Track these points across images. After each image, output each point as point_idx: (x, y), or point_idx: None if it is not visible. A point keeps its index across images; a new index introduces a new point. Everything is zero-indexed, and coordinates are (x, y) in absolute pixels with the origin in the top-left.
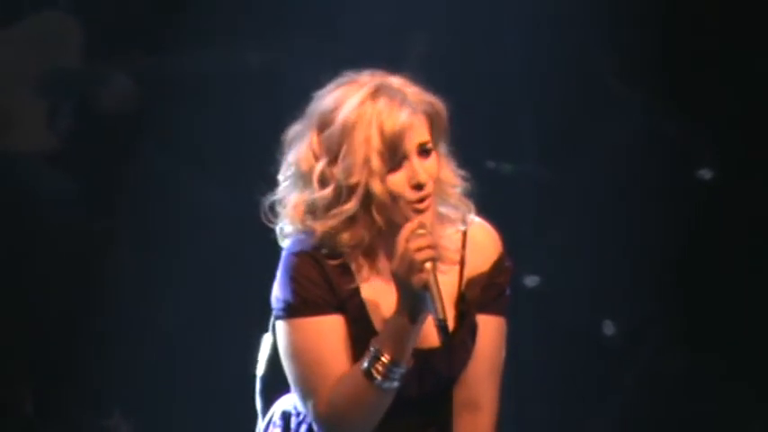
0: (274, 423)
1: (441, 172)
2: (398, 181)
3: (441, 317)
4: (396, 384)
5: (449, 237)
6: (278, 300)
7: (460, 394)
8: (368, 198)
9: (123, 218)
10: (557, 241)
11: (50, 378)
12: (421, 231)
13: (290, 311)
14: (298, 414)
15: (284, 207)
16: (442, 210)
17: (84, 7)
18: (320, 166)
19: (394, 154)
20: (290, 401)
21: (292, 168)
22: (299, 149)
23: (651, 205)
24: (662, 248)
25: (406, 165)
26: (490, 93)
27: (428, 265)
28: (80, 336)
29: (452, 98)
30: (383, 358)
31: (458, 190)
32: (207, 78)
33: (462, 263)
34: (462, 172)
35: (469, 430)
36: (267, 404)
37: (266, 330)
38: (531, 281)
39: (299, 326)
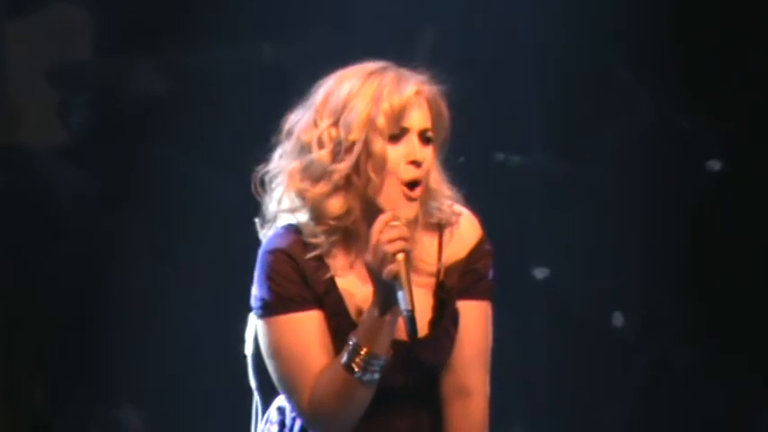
0: (271, 421)
1: (431, 179)
2: (396, 154)
3: (408, 308)
4: (376, 376)
5: (425, 240)
6: (256, 299)
7: (448, 382)
8: (365, 157)
9: (136, 212)
10: (566, 233)
11: (61, 370)
12: (394, 223)
13: (268, 310)
14: (293, 409)
15: (277, 179)
16: (424, 218)
17: (96, 1)
18: (320, 129)
19: (398, 119)
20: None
21: (292, 142)
22: (299, 124)
23: (660, 197)
24: (671, 240)
25: (405, 140)
26: (500, 85)
27: (400, 256)
28: (91, 328)
29: (462, 90)
30: (361, 351)
31: (446, 201)
32: (220, 73)
33: (440, 258)
34: (451, 191)
35: (461, 417)
36: (262, 381)
37: (252, 310)
38: (540, 272)
39: (277, 324)
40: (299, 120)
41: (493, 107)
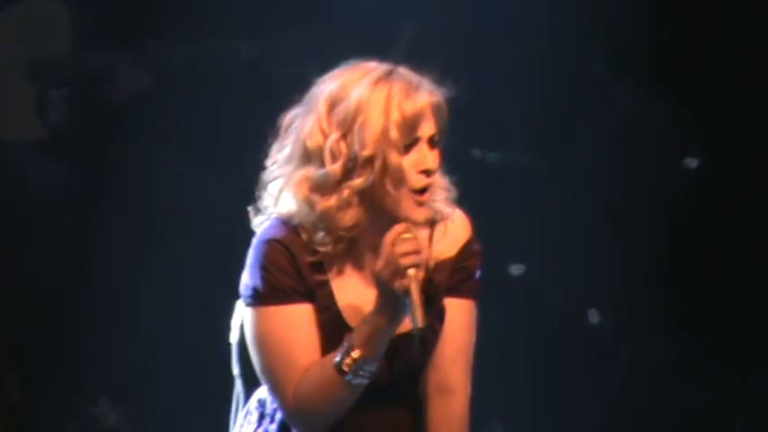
0: (250, 412)
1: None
2: (407, 163)
3: (419, 325)
4: (365, 381)
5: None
6: (246, 287)
7: (431, 378)
8: (381, 173)
9: (114, 207)
10: (543, 230)
11: (37, 367)
12: (407, 236)
13: (259, 299)
14: (273, 400)
15: (282, 184)
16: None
17: None
18: (330, 141)
19: (411, 130)
20: (266, 390)
21: (296, 146)
22: (303, 128)
23: (637, 194)
24: (648, 237)
25: (415, 149)
26: (477, 82)
27: (411, 271)
28: (66, 324)
29: (439, 87)
30: (354, 354)
31: (446, 195)
32: (199, 69)
33: (429, 252)
34: (449, 183)
35: (442, 414)
36: (244, 369)
37: (239, 297)
38: (516, 269)
39: (266, 314)
40: (301, 122)
41: (470, 104)
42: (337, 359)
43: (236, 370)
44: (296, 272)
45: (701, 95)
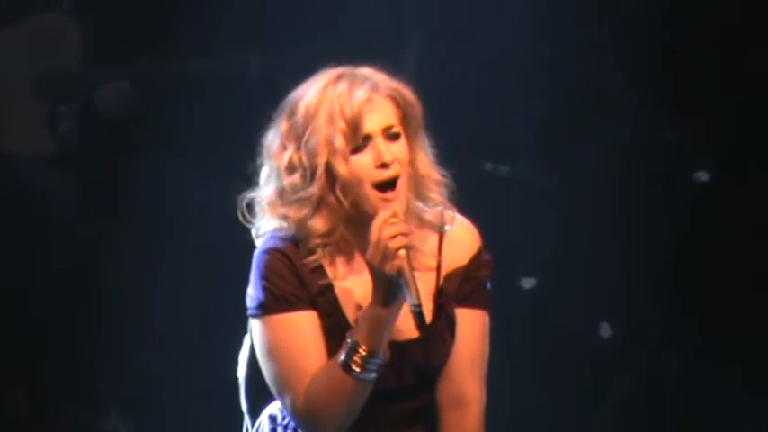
0: (262, 429)
1: (419, 165)
2: (363, 162)
3: (416, 302)
4: (373, 375)
5: (425, 240)
6: (251, 298)
7: (444, 390)
8: (332, 179)
9: (122, 219)
10: (553, 243)
11: (46, 380)
12: (393, 220)
13: (263, 309)
14: (284, 417)
15: (261, 203)
16: (422, 212)
17: (84, 10)
18: (288, 153)
19: (355, 132)
20: (278, 405)
21: (268, 165)
22: (271, 147)
23: (648, 207)
24: (658, 250)
25: (370, 146)
26: (487, 95)
27: (402, 252)
28: (77, 336)
29: (449, 101)
30: (360, 350)
31: (440, 188)
32: (206, 82)
33: (439, 262)
34: (444, 171)
35: (456, 425)
36: (253, 404)
37: (247, 332)
38: (527, 282)
39: (272, 323)
40: (270, 140)
41: (481, 117)
42: (342, 357)
43: (244, 406)
44: (297, 279)
45: (713, 109)
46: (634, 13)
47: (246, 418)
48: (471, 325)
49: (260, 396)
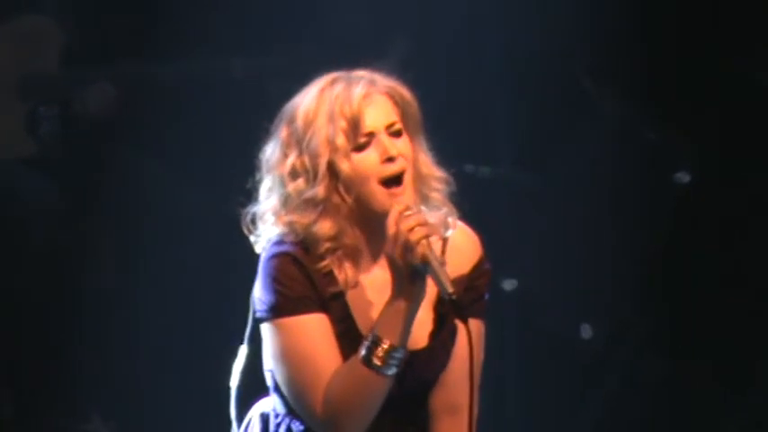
0: (252, 427)
1: (421, 165)
2: (368, 159)
3: (449, 290)
4: (394, 371)
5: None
6: (261, 302)
7: (439, 397)
8: (336, 179)
9: (103, 223)
10: (535, 245)
11: (29, 384)
12: (408, 213)
13: (275, 312)
14: (276, 416)
15: (264, 215)
16: (425, 215)
17: (66, 12)
18: (290, 160)
19: (356, 128)
20: (269, 404)
21: (270, 176)
22: (272, 158)
23: (629, 208)
24: (640, 251)
25: (374, 143)
26: (467, 96)
27: (424, 241)
28: (58, 340)
29: (429, 102)
30: (383, 344)
31: (441, 188)
32: (188, 84)
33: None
34: (443, 173)
35: None
36: (242, 413)
37: (242, 342)
38: (509, 284)
39: (285, 325)
40: (271, 152)
41: (461, 119)
42: (364, 353)
43: (233, 414)
44: (309, 281)
45: (694, 110)
46: (617, 14)
47: (234, 425)
48: (470, 334)
49: (250, 405)
